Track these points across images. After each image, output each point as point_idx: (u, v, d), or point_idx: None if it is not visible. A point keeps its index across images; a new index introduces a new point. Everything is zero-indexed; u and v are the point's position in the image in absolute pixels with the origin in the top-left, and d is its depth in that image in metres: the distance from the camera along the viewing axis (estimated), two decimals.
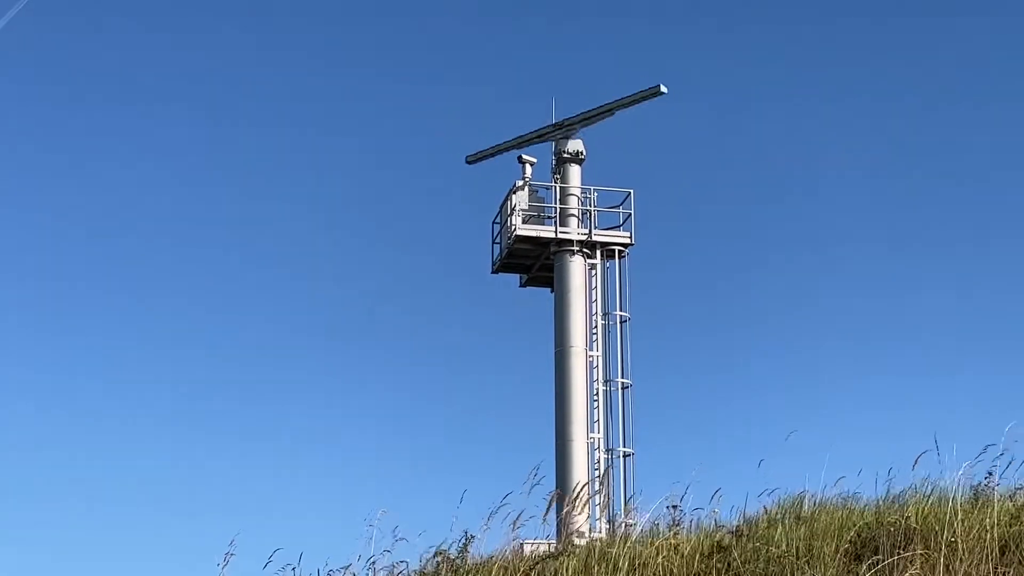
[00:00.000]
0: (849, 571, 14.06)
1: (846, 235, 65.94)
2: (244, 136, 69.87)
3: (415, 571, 15.89)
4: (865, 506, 16.65)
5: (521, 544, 16.39)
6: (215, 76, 70.38)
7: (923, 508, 15.29)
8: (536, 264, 30.86)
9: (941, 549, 14.02)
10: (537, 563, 15.14)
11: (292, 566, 15.24)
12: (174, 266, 66.12)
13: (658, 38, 71.73)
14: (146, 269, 65.75)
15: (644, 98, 30.28)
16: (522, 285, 31.73)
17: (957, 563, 13.79)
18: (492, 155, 31.62)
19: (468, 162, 31.88)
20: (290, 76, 70.85)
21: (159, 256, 66.08)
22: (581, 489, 22.03)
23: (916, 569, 13.68)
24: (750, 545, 14.73)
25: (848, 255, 65.05)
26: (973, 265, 65.06)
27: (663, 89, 30.01)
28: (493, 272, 31.57)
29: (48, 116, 69.04)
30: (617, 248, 30.26)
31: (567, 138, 30.76)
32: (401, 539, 15.59)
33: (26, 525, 54.33)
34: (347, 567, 15.36)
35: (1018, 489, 16.39)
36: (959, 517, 14.45)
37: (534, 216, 30.49)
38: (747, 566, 14.32)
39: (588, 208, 30.48)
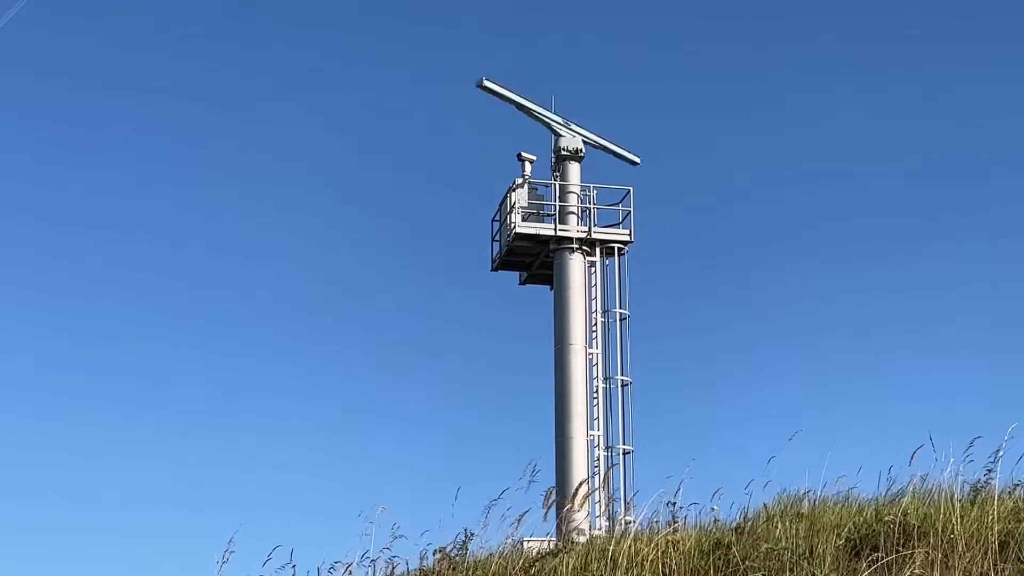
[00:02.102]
0: (849, 568, 14.06)
1: (846, 232, 66.00)
2: (244, 133, 69.90)
3: (414, 569, 15.89)
4: (865, 503, 16.65)
5: (521, 541, 16.39)
6: (216, 73, 70.39)
7: (922, 505, 15.29)
8: (536, 262, 30.84)
9: (940, 546, 14.03)
10: (537, 560, 15.14)
11: (292, 564, 15.22)
12: (176, 263, 66.22)
13: (658, 35, 71.70)
14: (149, 266, 65.83)
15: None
16: (522, 283, 31.71)
17: (956, 560, 13.80)
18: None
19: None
20: (291, 72, 70.90)
21: (162, 253, 66.15)
22: (580, 486, 22.04)
23: (916, 566, 13.68)
24: (749, 542, 14.73)
25: (848, 252, 65.10)
26: (975, 261, 65.06)
27: (486, 82, 30.79)
28: (493, 270, 31.55)
29: (49, 114, 69.03)
30: (616, 245, 30.24)
31: (566, 135, 30.76)
32: (400, 536, 15.61)
33: (27, 521, 54.45)
34: (347, 565, 15.35)
35: (1017, 486, 16.39)
36: (958, 514, 14.45)
37: (533, 214, 30.47)
38: (746, 563, 14.33)
39: (587, 206, 30.48)
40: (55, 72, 68.18)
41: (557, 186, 30.56)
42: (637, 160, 31.55)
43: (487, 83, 30.76)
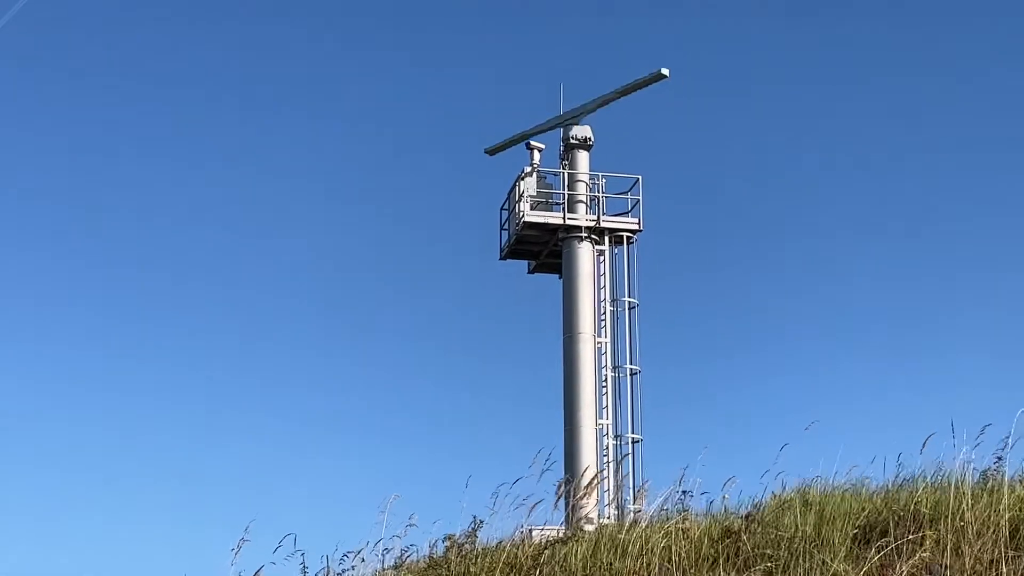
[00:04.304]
0: (859, 555, 14.06)
1: (856, 221, 65.89)
2: (260, 125, 69.90)
3: (424, 556, 15.91)
4: (875, 491, 16.64)
5: (530, 530, 16.40)
6: (226, 69, 70.38)
7: (932, 493, 15.27)
8: (544, 250, 30.82)
9: (950, 534, 14.01)
10: (546, 548, 15.14)
11: (301, 552, 15.26)
12: (191, 253, 66.30)
13: (665, 24, 71.59)
14: (164, 255, 65.96)
15: (647, 83, 30.25)
16: (530, 271, 31.70)
17: (967, 547, 13.78)
18: (510, 145, 31.41)
19: (488, 153, 31.68)
20: (299, 64, 70.88)
21: (174, 245, 66.23)
22: (592, 476, 22.04)
23: (925, 553, 13.67)
24: (759, 529, 14.73)
25: (858, 241, 64.96)
26: (987, 249, 64.93)
27: (665, 73, 29.99)
28: (501, 258, 31.54)
29: (51, 110, 69.05)
30: (625, 234, 30.21)
31: (575, 124, 30.73)
32: (411, 524, 15.64)
33: (41, 508, 54.75)
34: (358, 552, 15.39)
35: None
36: (968, 502, 14.43)
37: (542, 202, 30.43)
38: (756, 550, 14.32)
39: (596, 194, 30.45)
40: (58, 67, 68.23)
41: (566, 175, 30.53)
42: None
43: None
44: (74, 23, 69.66)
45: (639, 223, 30.25)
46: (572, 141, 30.66)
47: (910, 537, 13.93)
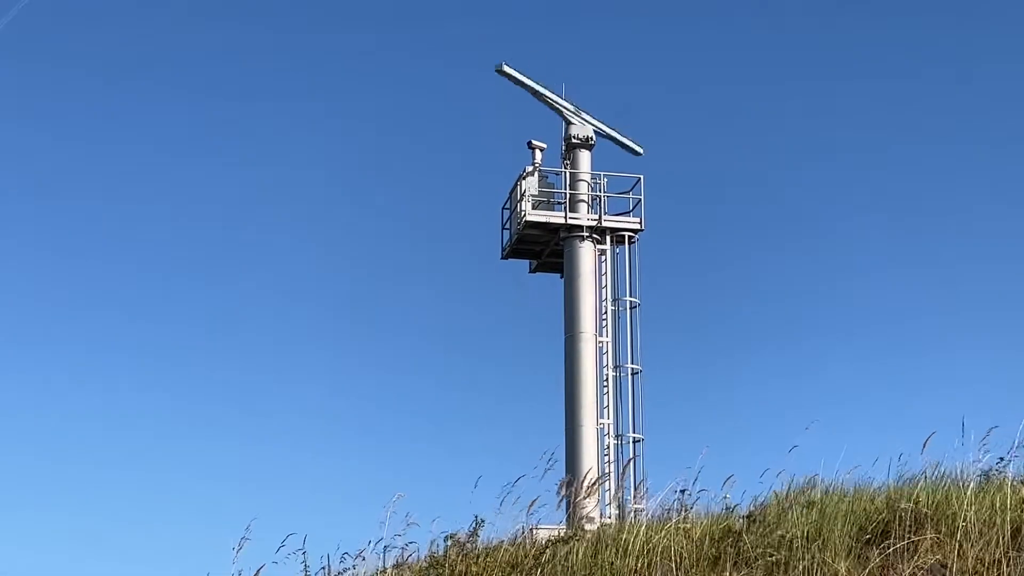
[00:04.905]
0: (860, 555, 14.06)
1: (857, 221, 65.84)
2: (260, 124, 69.91)
3: (425, 556, 15.92)
4: (876, 491, 16.63)
5: (532, 529, 16.40)
6: (227, 62, 70.42)
7: (934, 493, 15.26)
8: (546, 250, 30.82)
9: (951, 534, 14.02)
10: (547, 548, 15.15)
11: (303, 550, 15.28)
12: (191, 251, 66.27)
13: (664, 24, 71.63)
14: (164, 254, 65.94)
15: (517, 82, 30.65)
16: (532, 271, 31.69)
17: (969, 547, 13.78)
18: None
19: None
20: (302, 61, 70.90)
21: (179, 241, 66.22)
22: (590, 474, 22.06)
23: (928, 553, 13.67)
24: (761, 530, 14.73)
25: (861, 240, 64.90)
26: (983, 251, 64.92)
27: (503, 67, 30.44)
28: (503, 258, 31.52)
29: (51, 110, 69.08)
30: (627, 234, 30.21)
31: (577, 123, 30.73)
32: (413, 523, 15.66)
33: (43, 507, 54.81)
34: (360, 552, 15.41)
35: None
36: (970, 502, 14.43)
37: (544, 202, 30.42)
38: (757, 550, 14.33)
39: (598, 194, 30.44)
40: (56, 68, 68.26)
41: (567, 174, 30.52)
42: (640, 151, 31.23)
43: (506, 68, 30.53)
44: (74, 23, 69.71)
45: (641, 223, 30.25)
46: (574, 140, 30.67)
47: (912, 537, 13.94)
